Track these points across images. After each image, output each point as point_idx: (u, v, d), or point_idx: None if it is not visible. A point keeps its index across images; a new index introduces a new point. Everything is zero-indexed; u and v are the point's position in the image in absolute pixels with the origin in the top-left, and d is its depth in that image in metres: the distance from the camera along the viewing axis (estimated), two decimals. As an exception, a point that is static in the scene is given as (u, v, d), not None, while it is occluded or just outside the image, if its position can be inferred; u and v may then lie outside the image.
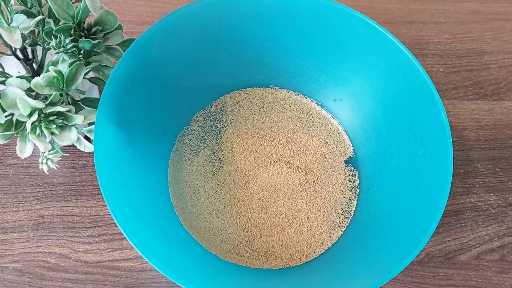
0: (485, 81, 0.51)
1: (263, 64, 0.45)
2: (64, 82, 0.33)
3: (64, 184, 0.44)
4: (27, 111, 0.31)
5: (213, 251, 0.40)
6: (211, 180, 0.43)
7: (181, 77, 0.42)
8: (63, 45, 0.33)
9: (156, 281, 0.41)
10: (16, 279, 0.40)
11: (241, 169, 0.44)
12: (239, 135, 0.45)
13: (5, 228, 0.42)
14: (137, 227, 0.33)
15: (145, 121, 0.40)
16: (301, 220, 0.42)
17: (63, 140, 0.33)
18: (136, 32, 0.50)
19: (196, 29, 0.40)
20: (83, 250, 0.42)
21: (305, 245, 0.41)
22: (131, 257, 0.41)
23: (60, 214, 0.43)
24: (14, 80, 0.32)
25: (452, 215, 0.44)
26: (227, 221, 0.42)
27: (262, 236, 0.41)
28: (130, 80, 0.37)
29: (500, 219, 0.44)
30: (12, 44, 0.31)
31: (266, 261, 0.40)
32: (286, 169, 0.43)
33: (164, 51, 0.39)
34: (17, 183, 0.44)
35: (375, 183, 0.42)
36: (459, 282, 0.42)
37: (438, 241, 0.43)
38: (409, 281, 0.41)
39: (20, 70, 0.43)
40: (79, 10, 0.34)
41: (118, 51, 0.37)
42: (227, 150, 0.44)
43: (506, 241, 0.43)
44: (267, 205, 0.42)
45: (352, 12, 0.38)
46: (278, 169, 0.43)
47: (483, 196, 0.45)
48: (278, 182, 0.43)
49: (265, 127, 0.45)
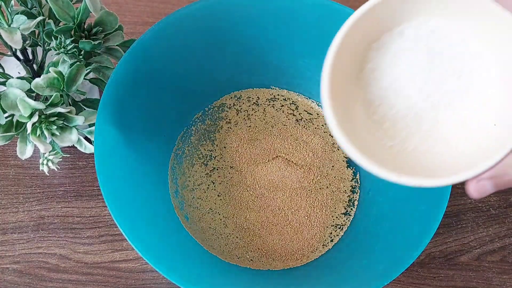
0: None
1: (263, 64, 0.45)
2: (64, 83, 0.33)
3: (64, 185, 0.44)
4: (27, 112, 0.31)
5: (213, 252, 0.40)
6: (211, 179, 0.43)
7: (182, 78, 0.42)
8: (64, 46, 0.33)
9: (157, 282, 0.41)
10: (17, 280, 0.40)
11: (239, 166, 0.43)
12: (238, 134, 0.45)
13: (5, 229, 0.42)
14: (137, 228, 0.33)
15: (145, 122, 0.40)
16: (301, 218, 0.42)
17: (63, 141, 0.33)
18: (137, 33, 0.50)
19: (197, 30, 0.40)
20: (83, 251, 0.42)
21: (305, 245, 0.41)
22: (131, 258, 0.41)
23: (60, 215, 0.43)
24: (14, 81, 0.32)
25: (453, 216, 0.44)
26: (225, 220, 0.42)
27: (261, 236, 0.41)
28: (130, 81, 0.37)
29: (501, 220, 0.44)
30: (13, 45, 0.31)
31: (266, 262, 0.40)
32: (284, 166, 0.43)
33: (165, 52, 0.39)
34: (18, 184, 0.44)
35: (376, 184, 0.42)
36: (459, 283, 0.42)
37: (438, 242, 0.43)
38: (409, 282, 0.41)
39: (20, 71, 0.43)
40: (79, 11, 0.34)
41: (119, 52, 0.37)
42: (226, 149, 0.44)
43: (507, 242, 0.43)
44: (265, 203, 0.42)
45: (353, 13, 0.38)
46: (277, 166, 0.43)
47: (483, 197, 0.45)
48: (277, 180, 0.43)
49: (264, 125, 0.45)
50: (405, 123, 0.25)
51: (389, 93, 0.25)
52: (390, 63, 0.25)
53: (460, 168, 0.21)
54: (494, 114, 0.23)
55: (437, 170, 0.22)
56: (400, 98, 0.25)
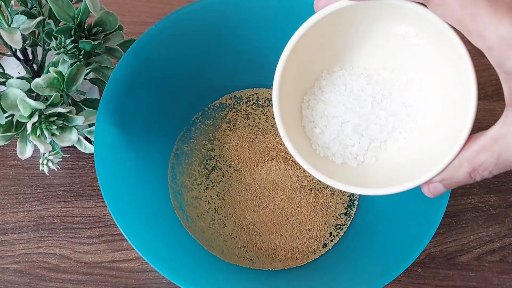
0: (485, 82, 0.51)
1: (263, 64, 0.45)
2: (64, 83, 0.33)
3: (64, 185, 0.44)
4: (27, 112, 0.31)
5: (213, 252, 0.40)
6: (210, 179, 0.43)
7: (181, 78, 0.42)
8: (64, 46, 0.33)
9: (157, 282, 0.41)
10: (17, 280, 0.40)
11: (238, 165, 0.43)
12: (238, 134, 0.45)
13: (5, 229, 0.42)
14: (137, 228, 0.33)
15: (145, 122, 0.40)
16: (301, 218, 0.42)
17: (63, 141, 0.33)
18: (136, 33, 0.50)
19: (196, 30, 0.40)
20: (83, 251, 0.42)
21: (305, 245, 0.41)
22: (131, 258, 0.41)
23: (60, 215, 0.43)
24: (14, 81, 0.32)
25: (453, 216, 0.44)
26: (224, 220, 0.42)
27: (261, 235, 0.41)
28: (130, 81, 0.37)
29: (500, 220, 0.44)
30: (13, 45, 0.31)
31: (266, 261, 0.40)
32: (284, 165, 0.43)
33: (164, 51, 0.39)
34: (18, 184, 0.44)
35: (376, 184, 0.42)
36: (459, 283, 0.42)
37: (438, 242, 0.43)
38: (409, 282, 0.41)
39: (20, 71, 0.43)
40: (79, 11, 0.34)
41: (119, 52, 0.37)
42: (225, 149, 0.44)
43: (507, 242, 0.43)
44: (265, 202, 0.42)
45: None
46: (276, 165, 0.43)
47: (483, 197, 0.45)
48: (276, 179, 0.43)
49: (264, 124, 0.45)
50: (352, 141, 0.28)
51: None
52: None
53: (409, 177, 0.24)
54: (436, 130, 0.26)
55: (395, 179, 0.26)
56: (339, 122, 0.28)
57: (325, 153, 0.28)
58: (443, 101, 0.26)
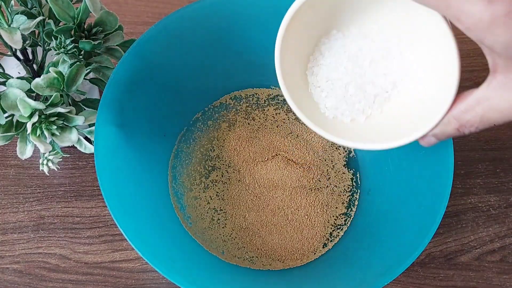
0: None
1: (263, 64, 0.44)
2: (64, 83, 0.33)
3: (64, 185, 0.44)
4: (27, 112, 0.31)
5: (213, 252, 0.40)
6: (210, 179, 0.43)
7: (182, 78, 0.42)
8: (64, 46, 0.33)
9: (157, 282, 0.41)
10: (17, 280, 0.40)
11: (238, 165, 0.43)
12: (237, 133, 0.45)
13: (5, 229, 0.42)
14: (137, 228, 0.33)
15: (145, 122, 0.40)
16: (301, 218, 0.42)
17: (63, 141, 0.33)
18: (136, 33, 0.50)
19: (197, 30, 0.40)
20: (83, 251, 0.42)
21: (305, 245, 0.41)
22: (131, 258, 0.41)
23: (60, 215, 0.43)
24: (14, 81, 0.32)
25: (453, 216, 0.44)
26: (224, 220, 0.42)
27: (261, 235, 0.41)
28: (130, 81, 0.37)
29: (500, 220, 0.44)
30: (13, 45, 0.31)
31: (266, 262, 0.40)
32: (284, 165, 0.43)
33: (165, 51, 0.39)
34: (18, 184, 0.44)
35: (376, 184, 0.42)
36: (459, 283, 0.42)
37: (438, 242, 0.43)
38: (409, 282, 0.41)
39: (20, 71, 0.43)
40: (79, 10, 0.34)
41: (119, 52, 0.37)
42: (225, 149, 0.44)
43: (507, 242, 0.43)
44: (265, 202, 0.42)
45: None
46: (276, 165, 0.43)
47: (483, 197, 0.45)
48: (276, 178, 0.43)
49: (264, 123, 0.45)
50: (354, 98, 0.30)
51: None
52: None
53: (408, 132, 0.27)
54: (428, 92, 0.28)
55: (392, 134, 0.29)
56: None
57: (334, 114, 0.31)
58: (433, 63, 0.28)
